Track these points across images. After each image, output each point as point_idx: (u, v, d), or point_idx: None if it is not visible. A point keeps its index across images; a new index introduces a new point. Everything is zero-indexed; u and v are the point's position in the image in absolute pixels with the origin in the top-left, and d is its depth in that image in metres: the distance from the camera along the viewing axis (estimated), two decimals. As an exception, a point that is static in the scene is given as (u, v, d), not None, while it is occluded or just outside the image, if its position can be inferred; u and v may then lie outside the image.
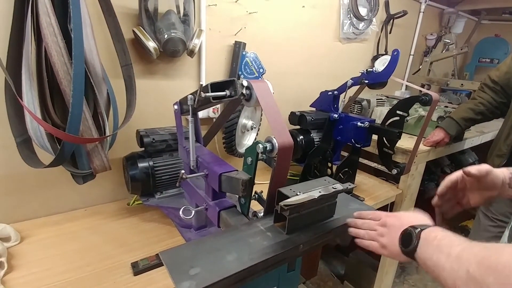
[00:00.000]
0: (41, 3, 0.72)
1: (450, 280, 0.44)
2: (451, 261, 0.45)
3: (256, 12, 1.34)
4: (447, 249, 0.47)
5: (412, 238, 0.54)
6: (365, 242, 0.65)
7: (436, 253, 0.49)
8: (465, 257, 0.43)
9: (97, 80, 0.86)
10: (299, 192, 0.59)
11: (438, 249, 0.49)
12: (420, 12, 2.31)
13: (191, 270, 0.50)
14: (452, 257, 0.45)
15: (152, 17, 1.05)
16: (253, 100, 0.65)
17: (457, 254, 0.45)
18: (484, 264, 0.40)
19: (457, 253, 0.45)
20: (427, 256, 0.51)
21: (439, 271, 0.47)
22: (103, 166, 0.89)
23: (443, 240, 0.50)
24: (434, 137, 1.47)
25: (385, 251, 0.60)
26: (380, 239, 0.62)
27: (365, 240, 0.65)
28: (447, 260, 0.46)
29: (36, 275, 0.79)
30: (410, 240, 0.54)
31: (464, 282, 0.41)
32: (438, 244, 0.49)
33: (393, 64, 1.14)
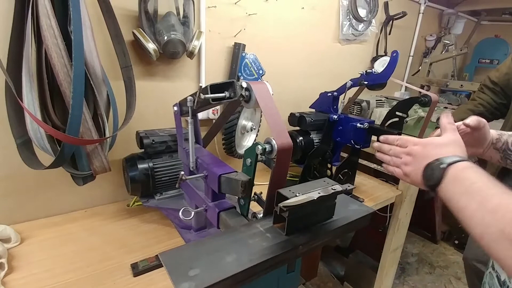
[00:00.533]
0: (41, 5, 0.72)
1: (478, 230, 0.41)
2: (483, 213, 0.41)
3: (256, 13, 1.34)
4: (479, 197, 0.42)
5: (434, 173, 0.50)
6: (389, 168, 0.64)
7: (465, 197, 0.44)
8: (502, 214, 0.39)
9: (97, 81, 0.86)
10: (298, 193, 0.59)
11: (469, 194, 0.44)
12: (419, 13, 2.31)
13: (191, 271, 0.50)
14: (486, 209, 0.41)
15: (152, 18, 1.05)
16: (253, 102, 0.65)
17: (492, 207, 0.40)
18: None
19: (493, 207, 0.40)
20: (453, 196, 0.47)
21: (466, 216, 0.43)
22: (103, 168, 0.89)
23: (475, 183, 0.45)
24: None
25: (408, 179, 0.59)
26: (404, 168, 0.59)
27: (390, 166, 0.64)
28: (479, 210, 0.42)
29: (36, 276, 0.79)
30: (433, 175, 0.50)
31: (495, 240, 0.39)
32: (469, 187, 0.45)
33: (393, 65, 1.14)
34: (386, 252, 1.60)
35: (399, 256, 1.71)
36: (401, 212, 1.48)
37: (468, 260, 1.42)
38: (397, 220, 1.49)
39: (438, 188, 0.50)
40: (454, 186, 0.47)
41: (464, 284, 2.12)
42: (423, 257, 2.41)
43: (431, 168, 0.51)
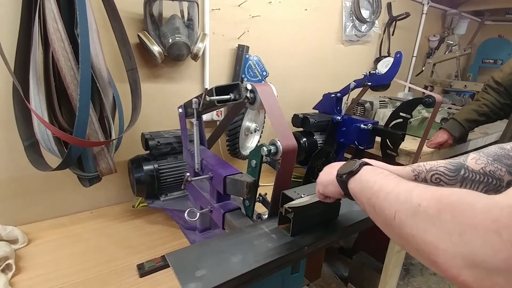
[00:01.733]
0: (48, 9, 0.73)
1: (391, 209, 0.41)
2: (398, 191, 0.41)
3: (259, 15, 1.35)
4: (395, 181, 0.44)
5: (353, 165, 0.52)
6: None
7: (379, 181, 0.45)
8: (418, 192, 0.39)
9: (103, 84, 0.87)
10: (303, 194, 0.60)
11: (384, 179, 0.46)
12: (422, 14, 2.31)
13: (197, 272, 0.50)
14: (401, 188, 0.41)
15: (156, 21, 1.06)
16: (257, 103, 0.65)
17: (408, 188, 0.40)
18: (442, 202, 0.35)
19: (408, 187, 0.40)
20: (366, 182, 0.48)
21: (379, 199, 0.43)
22: (109, 169, 0.90)
23: (391, 174, 0.47)
24: (438, 138, 1.47)
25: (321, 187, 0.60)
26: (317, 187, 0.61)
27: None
28: (393, 190, 0.42)
29: (43, 277, 0.80)
30: (350, 167, 0.52)
31: (409, 214, 0.38)
32: (385, 175, 0.47)
33: (396, 66, 1.14)
34: (390, 253, 1.59)
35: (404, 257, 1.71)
36: (405, 213, 1.47)
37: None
38: (401, 221, 1.48)
39: (351, 179, 0.52)
40: (370, 175, 0.49)
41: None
42: (427, 258, 2.40)
43: (347, 165, 0.54)
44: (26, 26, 0.82)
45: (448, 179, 0.66)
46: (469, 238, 0.31)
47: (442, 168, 0.66)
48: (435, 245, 0.34)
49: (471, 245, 0.30)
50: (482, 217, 0.31)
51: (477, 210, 0.31)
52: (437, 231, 0.34)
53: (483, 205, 0.31)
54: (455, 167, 0.66)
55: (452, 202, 0.34)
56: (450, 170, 0.66)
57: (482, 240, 0.30)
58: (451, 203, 0.34)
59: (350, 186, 0.53)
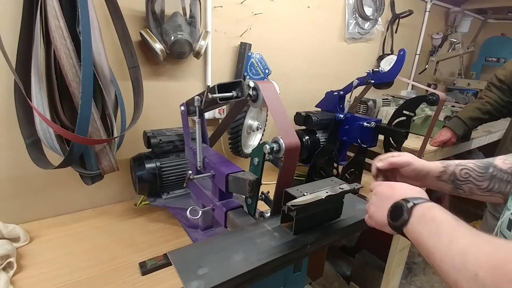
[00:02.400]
0: (50, 6, 0.73)
1: (451, 276, 0.38)
2: (453, 254, 0.38)
3: (262, 13, 1.34)
4: (447, 237, 0.40)
5: (402, 212, 0.47)
6: None
7: (432, 238, 0.42)
8: (473, 257, 0.36)
9: (105, 82, 0.87)
10: (306, 193, 0.59)
11: (436, 234, 0.42)
12: (425, 12, 2.30)
13: (199, 270, 0.50)
14: (455, 250, 0.39)
15: (159, 19, 1.06)
16: (260, 101, 0.65)
17: (461, 249, 0.38)
18: (498, 272, 0.33)
19: (462, 248, 0.38)
20: (421, 238, 0.44)
21: (435, 259, 0.41)
22: (111, 167, 0.90)
23: (442, 224, 0.43)
24: (441, 137, 1.46)
25: (372, 221, 0.57)
26: (369, 209, 0.57)
27: None
28: (448, 251, 0.39)
29: (45, 275, 0.80)
30: (400, 214, 0.47)
31: (471, 285, 0.36)
32: (436, 227, 0.43)
33: (399, 63, 1.13)
34: (392, 252, 1.59)
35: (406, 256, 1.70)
36: (408, 212, 1.46)
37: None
38: (404, 219, 1.48)
39: (404, 228, 0.47)
40: (421, 227, 0.45)
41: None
42: (430, 257, 2.39)
43: (399, 206, 0.49)
44: (27, 24, 0.82)
45: (477, 175, 0.66)
46: None
47: (471, 164, 0.67)
48: None
49: None
50: None
51: None
52: None
53: None
54: (484, 164, 0.67)
55: (508, 273, 0.32)
56: (479, 167, 0.67)
57: None
58: (507, 273, 0.32)
59: (406, 234, 0.48)
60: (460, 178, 0.68)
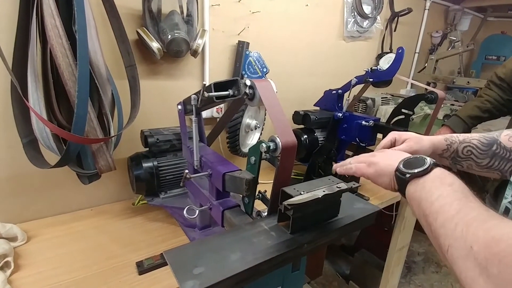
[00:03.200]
0: (45, 5, 0.73)
1: (445, 240, 0.39)
2: (457, 223, 0.38)
3: (259, 11, 1.34)
4: (458, 206, 0.40)
5: (425, 162, 0.47)
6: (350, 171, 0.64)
7: (442, 201, 0.41)
8: (474, 230, 0.36)
9: (101, 81, 0.86)
10: (303, 192, 0.59)
11: (447, 198, 0.41)
12: (425, 10, 2.29)
13: (195, 270, 0.50)
14: (461, 220, 0.38)
15: (155, 17, 1.05)
16: (256, 100, 0.64)
17: (467, 220, 0.37)
18: (492, 250, 0.33)
19: (468, 220, 0.37)
20: (429, 195, 0.44)
21: (436, 220, 0.41)
22: (108, 166, 0.89)
23: (457, 192, 0.42)
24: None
25: (370, 169, 0.61)
26: (371, 157, 0.61)
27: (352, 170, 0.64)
28: (453, 219, 0.39)
29: (42, 275, 0.79)
30: (418, 165, 0.48)
31: (461, 255, 0.36)
32: (451, 193, 0.42)
33: (398, 62, 1.13)
34: (392, 251, 1.59)
35: (405, 255, 1.70)
36: (407, 211, 1.46)
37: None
38: (403, 218, 1.48)
39: (413, 182, 0.47)
40: (435, 186, 0.44)
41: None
42: (429, 256, 2.39)
43: (418, 158, 0.49)
44: (24, 23, 0.81)
45: (479, 152, 0.65)
46: None
47: (475, 141, 0.66)
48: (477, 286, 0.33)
49: None
50: None
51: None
52: (483, 283, 0.33)
53: None
54: (488, 141, 0.65)
55: (500, 252, 0.32)
56: (483, 144, 0.65)
57: None
58: (499, 252, 0.32)
59: (409, 189, 0.48)
60: (461, 156, 0.67)
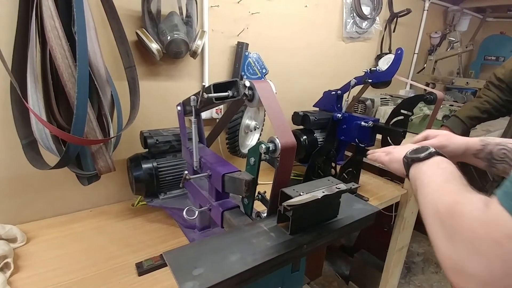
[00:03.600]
0: (45, 6, 0.73)
1: (425, 209, 0.45)
2: (436, 191, 0.45)
3: (259, 12, 1.34)
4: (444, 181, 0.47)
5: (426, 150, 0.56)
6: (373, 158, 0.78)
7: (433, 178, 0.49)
8: (445, 195, 0.42)
9: (101, 82, 0.87)
10: (302, 192, 0.59)
11: (438, 176, 0.49)
12: (424, 10, 2.30)
13: (195, 271, 0.50)
14: (440, 190, 0.45)
15: (155, 19, 1.05)
16: (256, 101, 0.65)
17: (445, 190, 0.44)
18: (450, 208, 0.39)
19: (446, 190, 0.44)
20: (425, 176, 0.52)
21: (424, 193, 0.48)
22: (107, 167, 0.89)
23: (447, 172, 0.50)
24: (439, 136, 1.46)
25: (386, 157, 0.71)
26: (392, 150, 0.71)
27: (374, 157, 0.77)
28: (436, 189, 0.46)
29: (42, 276, 0.79)
30: (422, 151, 0.57)
31: (432, 214, 0.42)
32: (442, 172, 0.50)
33: (397, 62, 1.13)
34: (391, 252, 1.59)
35: (405, 255, 1.70)
36: (407, 211, 1.47)
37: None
38: (402, 219, 1.48)
39: (416, 165, 0.56)
40: (432, 169, 0.52)
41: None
42: (429, 256, 2.39)
43: (423, 147, 0.58)
44: (23, 24, 0.81)
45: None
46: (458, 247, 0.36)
47: (510, 144, 0.69)
48: (438, 248, 0.39)
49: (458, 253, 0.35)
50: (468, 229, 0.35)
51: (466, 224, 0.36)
52: (441, 235, 0.39)
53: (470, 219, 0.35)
54: None
55: (455, 211, 0.38)
56: None
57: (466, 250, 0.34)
58: (455, 211, 0.38)
59: (410, 171, 0.57)
60: (497, 158, 0.69)
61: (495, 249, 0.31)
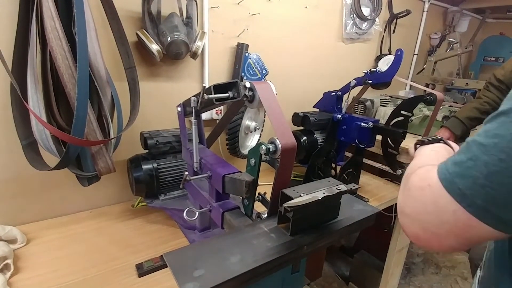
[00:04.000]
0: (45, 7, 0.73)
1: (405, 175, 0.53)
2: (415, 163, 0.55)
3: (259, 13, 1.34)
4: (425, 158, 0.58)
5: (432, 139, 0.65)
6: None
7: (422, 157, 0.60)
8: (417, 166, 0.50)
9: (101, 83, 0.87)
10: (302, 193, 0.59)
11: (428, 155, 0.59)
12: (423, 11, 2.30)
13: (195, 272, 0.50)
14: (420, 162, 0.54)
15: (155, 20, 1.05)
16: (256, 102, 0.65)
17: (421, 161, 0.55)
18: (411, 172, 0.49)
19: (421, 161, 0.55)
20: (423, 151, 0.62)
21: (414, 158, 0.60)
22: (107, 168, 0.89)
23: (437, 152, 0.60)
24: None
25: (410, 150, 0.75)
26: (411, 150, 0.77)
27: None
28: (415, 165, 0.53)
29: (42, 277, 0.79)
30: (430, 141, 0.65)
31: (403, 178, 0.52)
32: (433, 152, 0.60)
33: (397, 63, 1.13)
34: (391, 252, 1.59)
35: (405, 256, 1.70)
36: (407, 212, 1.46)
37: (474, 260, 1.41)
38: (402, 219, 1.48)
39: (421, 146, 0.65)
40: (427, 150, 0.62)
41: (470, 284, 2.10)
42: (429, 257, 2.39)
43: (430, 138, 0.66)
44: (23, 25, 0.81)
45: None
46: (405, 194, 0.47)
47: None
48: (398, 198, 0.50)
49: (402, 198, 0.48)
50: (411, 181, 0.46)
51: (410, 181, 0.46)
52: (401, 188, 0.50)
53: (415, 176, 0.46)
54: None
55: (413, 172, 0.47)
56: None
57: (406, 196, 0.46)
58: (413, 172, 0.48)
59: (415, 153, 0.66)
60: None
61: (419, 195, 0.43)
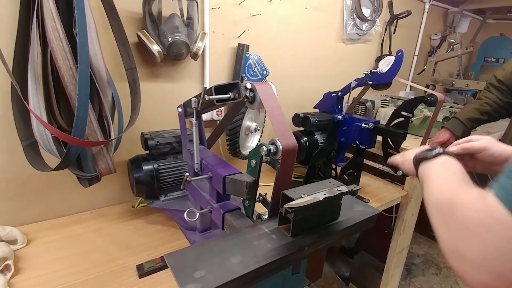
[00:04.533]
0: (46, 8, 0.73)
1: (426, 202, 0.49)
2: (437, 189, 0.48)
3: (259, 14, 1.34)
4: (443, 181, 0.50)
5: (433, 150, 0.59)
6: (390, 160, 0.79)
7: (440, 174, 0.52)
8: (445, 189, 0.46)
9: (102, 83, 0.87)
10: (303, 195, 0.59)
11: (444, 173, 0.52)
12: (424, 12, 2.30)
13: (196, 273, 0.50)
14: (442, 187, 0.48)
15: (156, 20, 1.05)
16: (257, 103, 0.65)
17: (443, 187, 0.47)
18: (449, 201, 0.42)
19: (443, 187, 0.47)
20: (432, 172, 0.55)
21: (431, 186, 0.51)
22: (108, 169, 0.89)
23: (451, 170, 0.52)
24: (440, 138, 1.46)
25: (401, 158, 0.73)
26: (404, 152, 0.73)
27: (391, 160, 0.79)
28: (435, 190, 0.48)
29: (42, 278, 0.79)
30: (432, 151, 0.59)
31: (434, 208, 0.46)
32: (448, 170, 0.53)
33: (397, 64, 1.13)
34: (391, 253, 1.59)
35: (405, 257, 1.70)
36: (407, 213, 1.47)
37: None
38: (402, 221, 1.48)
39: (424, 163, 0.58)
40: (439, 167, 0.55)
41: (471, 285, 2.09)
42: (429, 258, 2.39)
43: (433, 147, 0.60)
44: (24, 26, 0.81)
45: None
46: (455, 232, 0.39)
47: None
48: (439, 236, 0.42)
49: (455, 238, 0.38)
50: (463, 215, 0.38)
51: (462, 211, 0.39)
52: (441, 223, 0.42)
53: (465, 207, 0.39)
54: None
55: (453, 201, 0.41)
56: None
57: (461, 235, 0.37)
58: (453, 201, 0.41)
59: (419, 170, 0.60)
60: None
61: (486, 233, 0.35)
